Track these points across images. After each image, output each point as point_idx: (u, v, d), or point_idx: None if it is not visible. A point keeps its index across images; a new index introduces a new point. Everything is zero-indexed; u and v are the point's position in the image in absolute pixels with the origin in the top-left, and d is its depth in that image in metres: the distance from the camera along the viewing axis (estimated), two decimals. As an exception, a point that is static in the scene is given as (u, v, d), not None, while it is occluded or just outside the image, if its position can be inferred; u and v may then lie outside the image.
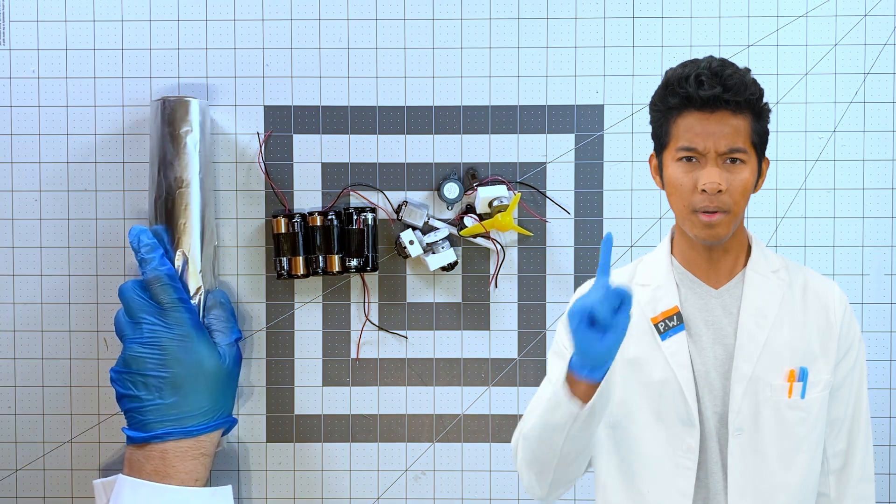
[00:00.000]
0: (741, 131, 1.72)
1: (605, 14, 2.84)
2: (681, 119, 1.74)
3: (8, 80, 2.84)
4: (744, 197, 1.75)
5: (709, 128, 1.71)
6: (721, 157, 1.72)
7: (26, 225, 2.86)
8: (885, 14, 2.82)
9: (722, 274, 1.82)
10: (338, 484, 2.87)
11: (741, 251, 1.85)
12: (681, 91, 1.72)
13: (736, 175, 1.72)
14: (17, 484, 2.87)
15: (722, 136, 1.71)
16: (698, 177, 1.72)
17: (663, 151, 1.80)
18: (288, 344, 2.86)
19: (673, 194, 1.78)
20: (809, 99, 2.83)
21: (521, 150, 2.84)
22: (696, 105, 1.72)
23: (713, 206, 1.71)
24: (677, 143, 1.74)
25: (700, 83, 1.70)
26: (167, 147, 2.69)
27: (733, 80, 1.71)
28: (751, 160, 1.75)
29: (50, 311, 2.86)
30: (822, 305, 1.84)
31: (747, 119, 1.74)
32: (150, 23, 2.84)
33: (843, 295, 1.87)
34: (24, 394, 2.87)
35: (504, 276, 2.84)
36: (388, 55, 2.84)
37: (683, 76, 1.73)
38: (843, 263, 2.84)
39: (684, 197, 1.74)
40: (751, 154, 1.75)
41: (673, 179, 1.76)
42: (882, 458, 2.85)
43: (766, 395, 1.75)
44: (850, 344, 1.85)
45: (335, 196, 2.84)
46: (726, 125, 1.71)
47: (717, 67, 1.73)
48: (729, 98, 1.70)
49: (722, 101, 1.70)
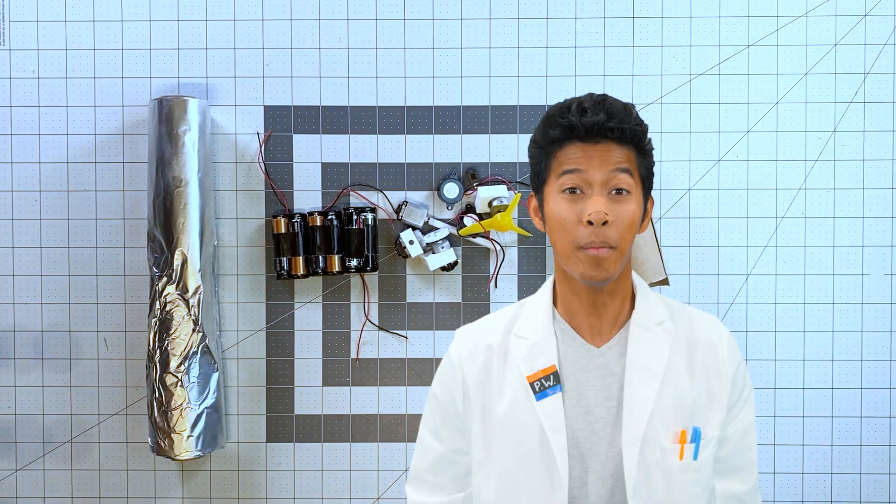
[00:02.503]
0: (628, 161, 1.59)
1: (604, 14, 2.84)
2: (561, 152, 1.61)
3: (8, 80, 2.85)
4: (630, 231, 1.58)
5: (594, 155, 1.58)
6: (606, 186, 1.57)
7: (26, 225, 2.86)
8: (885, 14, 2.82)
9: (605, 325, 1.66)
10: (338, 484, 2.87)
11: (626, 299, 1.68)
12: (562, 121, 1.60)
13: (622, 206, 1.58)
14: (17, 484, 2.87)
15: (608, 162, 1.58)
16: (583, 208, 1.57)
17: (543, 187, 1.64)
18: (288, 344, 2.86)
19: (556, 230, 1.61)
20: (809, 99, 2.83)
21: (521, 150, 2.84)
22: (578, 135, 1.59)
23: (599, 241, 1.56)
24: (559, 169, 1.60)
25: (583, 111, 1.59)
26: (165, 146, 2.69)
27: (616, 107, 1.59)
28: (636, 193, 1.60)
29: (50, 311, 2.86)
30: (711, 351, 1.68)
31: (632, 152, 1.60)
32: (150, 23, 2.84)
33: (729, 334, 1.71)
34: (24, 394, 2.87)
35: (504, 276, 2.84)
36: (388, 55, 2.84)
37: (565, 107, 1.61)
38: (843, 263, 2.84)
39: (568, 231, 1.58)
40: (637, 187, 1.60)
41: (556, 213, 1.60)
42: (882, 458, 2.85)
43: (657, 459, 1.61)
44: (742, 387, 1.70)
45: (335, 196, 2.84)
46: (612, 153, 1.58)
47: (599, 98, 1.62)
48: (613, 125, 1.57)
49: (606, 129, 1.57)
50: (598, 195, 1.57)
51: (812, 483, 2.86)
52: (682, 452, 1.62)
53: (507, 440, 1.67)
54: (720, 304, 2.82)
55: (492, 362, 1.71)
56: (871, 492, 2.85)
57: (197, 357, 2.70)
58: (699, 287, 2.82)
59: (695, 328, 1.71)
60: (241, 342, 2.85)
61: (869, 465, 2.85)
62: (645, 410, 1.61)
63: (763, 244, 2.84)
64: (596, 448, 1.63)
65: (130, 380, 2.85)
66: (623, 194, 1.58)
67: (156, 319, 2.70)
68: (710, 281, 2.84)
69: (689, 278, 2.83)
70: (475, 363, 1.73)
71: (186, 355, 2.68)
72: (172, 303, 2.69)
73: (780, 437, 2.85)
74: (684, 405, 1.64)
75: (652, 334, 1.65)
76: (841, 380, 2.85)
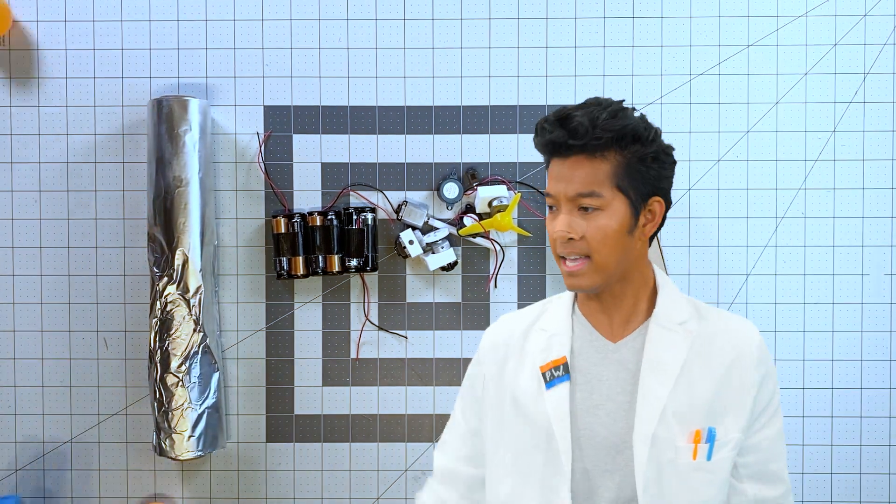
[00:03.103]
0: (599, 175, 1.60)
1: (604, 14, 2.84)
2: (549, 167, 1.65)
3: (8, 80, 2.84)
4: (605, 244, 1.60)
5: (563, 173, 1.61)
6: (572, 203, 1.61)
7: (26, 225, 2.86)
8: (885, 14, 2.82)
9: (618, 324, 1.69)
10: (338, 484, 2.87)
11: (640, 297, 1.70)
12: (536, 140, 1.65)
13: (591, 222, 1.60)
14: (17, 484, 2.87)
15: (572, 181, 1.60)
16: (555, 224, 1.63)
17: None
18: (288, 344, 2.86)
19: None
20: (809, 99, 2.83)
21: (521, 150, 2.84)
22: (554, 151, 1.62)
23: (567, 253, 1.61)
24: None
25: (543, 129, 1.61)
26: (165, 146, 2.69)
27: (573, 122, 1.58)
28: (612, 204, 1.61)
29: (50, 311, 2.86)
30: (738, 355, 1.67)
31: (610, 162, 1.60)
32: (150, 23, 2.84)
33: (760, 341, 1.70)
34: (24, 394, 2.87)
35: (503, 275, 2.84)
36: (388, 55, 2.84)
37: (538, 124, 1.64)
38: (843, 263, 2.84)
39: (551, 245, 1.65)
40: (612, 198, 1.60)
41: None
42: (882, 458, 2.85)
43: (669, 457, 1.61)
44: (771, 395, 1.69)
45: (335, 196, 2.84)
46: (580, 170, 1.60)
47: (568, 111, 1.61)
48: (572, 143, 1.58)
49: (565, 146, 1.59)
50: (564, 213, 1.62)
51: (812, 483, 2.86)
52: (696, 452, 1.62)
53: (517, 427, 1.71)
54: (720, 305, 2.82)
55: (511, 354, 1.76)
56: (871, 492, 2.85)
57: (198, 357, 2.70)
58: (699, 287, 2.82)
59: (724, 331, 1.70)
60: (241, 342, 2.85)
61: (869, 465, 2.85)
62: (657, 407, 1.62)
63: (763, 244, 2.84)
64: (604, 441, 1.64)
65: (130, 380, 2.85)
66: (590, 211, 1.61)
67: (156, 319, 2.70)
68: (710, 281, 2.84)
69: (689, 278, 2.83)
70: (497, 353, 1.78)
71: (187, 355, 2.68)
72: (173, 303, 2.69)
73: (780, 436, 2.86)
74: (700, 406, 1.64)
75: (671, 333, 1.66)
76: (841, 380, 2.85)
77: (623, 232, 1.62)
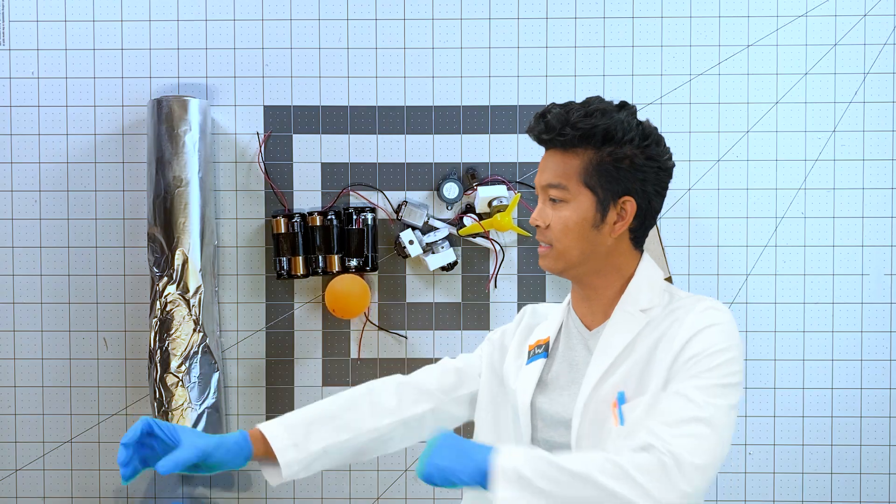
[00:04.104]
0: (568, 169, 1.70)
1: (604, 14, 2.84)
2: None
3: (8, 80, 2.84)
4: (565, 234, 1.71)
5: (542, 164, 1.75)
6: (544, 193, 1.74)
7: (26, 225, 2.86)
8: (885, 14, 2.82)
9: (597, 313, 1.77)
10: (338, 484, 2.87)
11: (617, 289, 1.76)
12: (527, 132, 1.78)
13: (555, 213, 1.72)
14: (17, 484, 2.87)
15: (545, 171, 1.73)
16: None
17: None
18: (288, 344, 2.86)
19: None
20: (809, 99, 2.83)
21: (521, 150, 2.84)
22: (538, 143, 1.75)
23: (538, 239, 1.76)
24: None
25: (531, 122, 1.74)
26: (165, 146, 2.69)
27: (548, 117, 1.70)
28: (577, 199, 1.70)
29: (50, 311, 2.86)
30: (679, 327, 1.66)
31: (580, 158, 1.69)
32: (150, 23, 2.84)
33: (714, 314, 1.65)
34: (24, 394, 2.87)
35: (503, 276, 2.84)
36: (388, 55, 2.84)
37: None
38: (843, 263, 2.84)
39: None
40: (577, 192, 1.70)
41: None
42: (882, 458, 2.85)
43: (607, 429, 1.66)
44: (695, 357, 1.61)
45: (335, 196, 2.84)
46: (552, 162, 1.72)
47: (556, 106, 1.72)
48: (545, 137, 1.71)
49: (540, 139, 1.72)
50: (541, 202, 1.75)
51: (812, 483, 2.86)
52: (616, 418, 1.66)
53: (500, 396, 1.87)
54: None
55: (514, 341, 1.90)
56: (871, 492, 2.85)
57: (198, 357, 2.70)
58: (699, 287, 2.82)
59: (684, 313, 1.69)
60: (241, 342, 2.85)
61: (869, 465, 2.85)
62: (590, 384, 1.69)
63: (763, 244, 2.84)
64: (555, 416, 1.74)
65: (130, 380, 2.85)
66: (556, 203, 1.72)
67: (156, 319, 2.70)
68: (710, 281, 2.84)
69: (689, 278, 2.83)
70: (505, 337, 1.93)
71: (187, 355, 2.68)
72: (173, 303, 2.69)
73: (780, 437, 2.85)
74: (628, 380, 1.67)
75: (630, 317, 1.72)
76: (841, 380, 2.85)
77: (586, 226, 1.70)
